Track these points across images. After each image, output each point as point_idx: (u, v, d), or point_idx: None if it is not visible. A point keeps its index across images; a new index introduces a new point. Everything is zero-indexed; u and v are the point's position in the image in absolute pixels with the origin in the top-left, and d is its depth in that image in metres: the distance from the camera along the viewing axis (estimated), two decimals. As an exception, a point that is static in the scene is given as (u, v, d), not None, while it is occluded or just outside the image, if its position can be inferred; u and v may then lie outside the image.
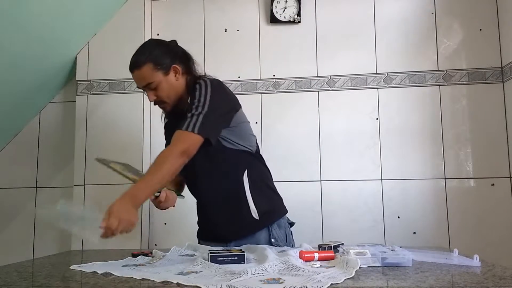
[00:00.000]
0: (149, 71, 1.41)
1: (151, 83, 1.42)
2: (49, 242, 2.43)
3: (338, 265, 1.03)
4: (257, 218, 1.45)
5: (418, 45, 2.32)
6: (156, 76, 1.42)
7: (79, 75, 2.40)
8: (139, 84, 1.46)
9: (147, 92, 1.46)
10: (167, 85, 1.44)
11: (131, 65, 1.43)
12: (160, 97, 1.45)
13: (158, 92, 1.44)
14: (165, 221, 2.38)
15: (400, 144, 2.27)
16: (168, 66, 1.44)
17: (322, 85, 2.35)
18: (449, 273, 0.98)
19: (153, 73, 1.41)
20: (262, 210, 1.46)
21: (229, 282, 0.86)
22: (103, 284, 0.93)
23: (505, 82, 2.22)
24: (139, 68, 1.41)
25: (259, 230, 1.46)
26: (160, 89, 1.44)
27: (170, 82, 1.45)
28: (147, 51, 1.44)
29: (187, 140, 1.32)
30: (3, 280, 1.01)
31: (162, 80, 1.43)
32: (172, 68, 1.45)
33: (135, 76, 1.43)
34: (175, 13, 2.48)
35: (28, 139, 2.50)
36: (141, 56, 1.43)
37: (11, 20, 1.82)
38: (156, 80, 1.42)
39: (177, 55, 1.49)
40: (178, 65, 1.46)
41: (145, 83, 1.43)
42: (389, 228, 2.24)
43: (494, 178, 2.20)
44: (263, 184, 1.53)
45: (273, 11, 2.38)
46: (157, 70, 1.42)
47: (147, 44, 1.49)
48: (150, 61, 1.41)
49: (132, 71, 1.43)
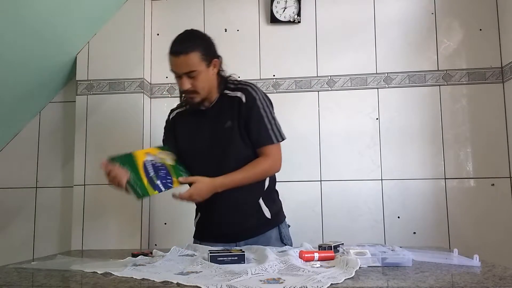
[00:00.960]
0: (196, 59, 1.41)
1: (194, 71, 1.42)
2: (49, 242, 2.43)
3: (338, 265, 1.03)
4: (269, 217, 1.52)
5: (418, 45, 2.32)
6: (200, 66, 1.43)
7: (79, 75, 2.40)
8: (179, 70, 1.43)
9: (182, 79, 1.44)
10: (206, 77, 1.46)
11: (178, 49, 1.42)
12: (196, 87, 1.45)
13: (196, 81, 1.44)
14: (165, 221, 2.38)
15: (400, 144, 2.27)
16: (210, 59, 1.46)
17: (322, 85, 2.35)
18: (449, 273, 0.98)
19: (199, 62, 1.42)
20: (273, 210, 1.54)
21: (229, 282, 0.86)
22: (103, 284, 0.93)
23: (505, 82, 2.22)
24: (187, 54, 1.40)
25: (271, 229, 1.53)
26: (199, 79, 1.44)
27: (209, 75, 1.47)
28: (197, 39, 1.46)
29: (278, 152, 1.52)
30: (3, 280, 1.01)
31: (203, 71, 1.44)
32: (213, 61, 1.48)
33: (180, 60, 1.41)
34: (175, 13, 2.48)
35: (28, 139, 2.50)
36: (191, 42, 1.43)
37: (11, 20, 1.82)
38: (199, 69, 1.43)
39: (216, 50, 1.51)
40: (217, 60, 1.50)
41: (188, 70, 1.42)
42: (389, 228, 2.24)
43: (494, 178, 2.20)
44: (273, 185, 1.61)
45: (273, 11, 2.38)
46: (202, 60, 1.43)
47: (195, 32, 1.49)
48: (199, 49, 1.42)
49: (177, 56, 1.41)
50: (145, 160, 1.44)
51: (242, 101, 1.48)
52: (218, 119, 1.50)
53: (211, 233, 1.56)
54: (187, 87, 1.44)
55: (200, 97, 1.48)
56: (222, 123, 1.49)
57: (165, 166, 1.46)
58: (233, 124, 1.48)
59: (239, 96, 1.49)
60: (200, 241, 1.57)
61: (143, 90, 2.36)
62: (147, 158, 1.44)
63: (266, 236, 1.51)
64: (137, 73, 2.37)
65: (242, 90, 1.50)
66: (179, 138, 1.59)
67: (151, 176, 1.39)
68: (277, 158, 1.51)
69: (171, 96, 2.45)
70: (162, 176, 1.42)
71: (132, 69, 2.37)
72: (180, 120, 1.60)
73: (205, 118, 1.53)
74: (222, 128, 1.49)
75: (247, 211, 1.51)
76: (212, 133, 1.51)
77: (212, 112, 1.53)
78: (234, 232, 1.50)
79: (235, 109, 1.48)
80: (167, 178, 1.42)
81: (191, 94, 1.47)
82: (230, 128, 1.48)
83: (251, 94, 1.49)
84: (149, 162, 1.44)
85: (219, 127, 1.50)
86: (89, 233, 2.29)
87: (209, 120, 1.52)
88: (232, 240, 1.50)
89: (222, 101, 1.52)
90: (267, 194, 1.56)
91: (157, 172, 1.41)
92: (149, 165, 1.43)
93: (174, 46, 1.43)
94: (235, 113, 1.48)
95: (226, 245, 1.45)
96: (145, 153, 1.47)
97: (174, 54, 1.42)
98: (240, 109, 1.48)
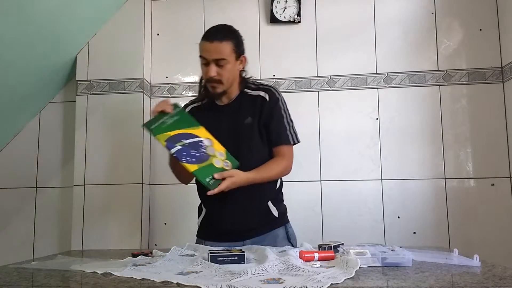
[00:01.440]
0: (228, 48, 1.46)
1: (224, 59, 1.46)
2: (49, 242, 2.43)
3: (338, 265, 1.03)
4: (277, 216, 1.55)
5: (418, 45, 2.32)
6: (230, 56, 1.47)
7: (79, 75, 2.40)
8: (210, 55, 1.46)
9: (210, 66, 1.47)
10: (232, 69, 1.50)
11: (213, 34, 1.46)
12: (221, 76, 1.47)
13: (223, 71, 1.47)
14: (165, 221, 2.38)
15: (400, 144, 2.27)
16: (240, 54, 1.52)
17: (322, 85, 2.35)
18: (449, 273, 0.98)
19: (230, 52, 1.47)
20: (281, 209, 1.58)
21: (229, 282, 0.86)
22: (103, 284, 0.93)
23: (505, 82, 2.22)
24: (221, 41, 1.45)
25: (278, 227, 1.55)
26: (226, 69, 1.47)
27: (235, 68, 1.52)
28: (232, 32, 1.52)
29: (292, 154, 1.56)
30: (3, 280, 1.01)
31: (231, 63, 1.48)
32: (242, 57, 1.53)
33: (213, 46, 1.45)
34: (175, 13, 2.48)
35: (28, 139, 2.50)
36: (227, 32, 1.49)
37: (11, 20, 1.82)
38: (228, 59, 1.47)
39: (244, 49, 1.56)
40: (245, 57, 1.55)
41: (219, 57, 1.45)
42: (389, 228, 2.24)
43: (494, 178, 2.20)
44: (282, 186, 1.64)
45: (273, 11, 2.38)
46: (233, 52, 1.48)
47: (230, 26, 1.55)
48: (232, 41, 1.48)
49: (211, 41, 1.45)
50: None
51: (266, 100, 1.53)
52: (238, 115, 1.53)
53: (216, 232, 1.55)
54: (213, 74, 1.47)
55: (222, 88, 1.50)
56: (242, 118, 1.52)
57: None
58: (253, 120, 1.51)
59: (262, 95, 1.54)
60: (204, 240, 1.56)
61: (143, 90, 2.36)
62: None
63: (273, 234, 1.53)
64: (137, 73, 2.37)
65: (266, 90, 1.55)
66: None
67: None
68: (291, 159, 1.56)
69: (171, 96, 2.45)
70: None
71: (132, 69, 2.37)
72: (197, 114, 1.58)
73: (223, 114, 1.55)
74: (242, 123, 1.52)
75: (256, 210, 1.52)
76: (231, 128, 1.52)
77: (231, 108, 1.55)
78: (240, 230, 1.50)
79: (257, 107, 1.52)
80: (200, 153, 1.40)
81: (214, 83, 1.49)
82: (250, 124, 1.51)
83: (274, 95, 1.55)
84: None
85: (239, 122, 1.52)
86: (89, 233, 2.29)
87: (227, 116, 1.54)
88: (238, 238, 1.50)
89: (242, 98, 1.56)
90: (276, 194, 1.60)
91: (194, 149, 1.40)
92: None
93: (209, 33, 1.48)
94: (256, 110, 1.52)
95: (232, 244, 1.45)
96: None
97: (208, 39, 1.46)
98: (263, 107, 1.52)
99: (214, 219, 1.56)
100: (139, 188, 2.30)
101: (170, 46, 2.46)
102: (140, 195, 2.29)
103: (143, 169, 2.31)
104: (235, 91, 1.56)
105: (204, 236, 1.59)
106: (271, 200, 1.55)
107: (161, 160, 2.41)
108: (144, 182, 2.33)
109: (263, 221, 1.53)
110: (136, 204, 2.29)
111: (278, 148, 1.53)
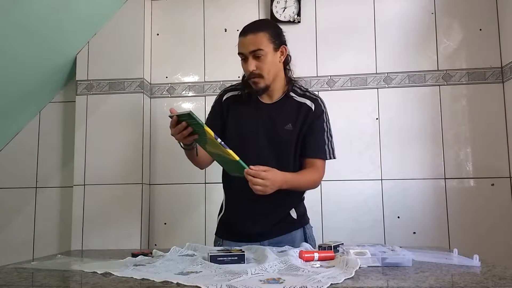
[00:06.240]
0: (264, 39, 1.42)
1: (260, 50, 1.42)
2: (49, 242, 2.43)
3: (338, 265, 1.03)
4: (295, 217, 1.53)
5: (418, 45, 2.32)
6: (267, 46, 1.43)
7: (79, 75, 2.40)
8: (246, 49, 1.43)
9: (249, 61, 1.44)
10: (272, 60, 1.45)
11: (247, 28, 1.44)
12: (261, 69, 1.44)
13: (261, 63, 1.43)
14: (165, 221, 2.38)
15: (400, 144, 2.27)
16: (279, 44, 1.47)
17: (322, 85, 2.35)
18: (449, 273, 0.98)
19: (267, 42, 1.43)
20: (300, 211, 1.57)
21: (229, 282, 0.86)
22: (103, 284, 0.93)
23: (505, 82, 2.22)
24: (255, 33, 1.42)
25: (296, 229, 1.54)
26: (265, 61, 1.43)
27: (275, 59, 1.47)
28: (268, 23, 1.51)
29: (324, 170, 1.53)
30: (3, 280, 1.01)
31: (270, 53, 1.44)
32: (282, 47, 1.48)
33: (247, 39, 1.43)
34: (175, 13, 2.48)
35: (28, 139, 2.50)
36: (260, 24, 1.48)
37: (11, 20, 1.82)
38: (265, 49, 1.42)
39: (285, 40, 1.52)
40: (285, 47, 1.50)
41: (255, 49, 1.42)
42: (389, 228, 2.24)
43: (494, 178, 2.20)
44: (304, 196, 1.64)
45: (273, 11, 2.37)
46: (270, 42, 1.44)
47: (264, 19, 1.56)
48: (268, 31, 1.44)
49: (246, 35, 1.43)
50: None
51: (311, 110, 1.50)
52: (279, 118, 1.49)
53: (235, 232, 1.53)
54: (252, 68, 1.43)
55: (265, 82, 1.46)
56: (283, 123, 1.49)
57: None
58: (294, 128, 1.48)
59: (309, 104, 1.50)
60: (223, 239, 1.56)
61: (143, 90, 2.36)
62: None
63: (292, 236, 1.52)
64: (137, 73, 2.37)
65: (312, 99, 1.52)
66: (230, 121, 1.55)
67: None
68: (323, 174, 1.53)
69: (171, 96, 2.45)
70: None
71: (132, 69, 2.37)
72: (234, 104, 1.56)
73: (263, 112, 1.51)
74: (281, 127, 1.48)
75: (278, 217, 1.51)
76: (269, 129, 1.49)
77: (273, 108, 1.51)
78: (258, 233, 1.49)
79: (301, 115, 1.48)
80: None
81: (255, 77, 1.45)
82: (290, 131, 1.48)
83: (320, 106, 1.52)
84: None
85: (278, 125, 1.49)
86: (89, 233, 2.29)
87: (267, 115, 1.50)
88: (255, 240, 1.48)
89: (286, 102, 1.52)
90: (299, 203, 1.59)
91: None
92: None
93: (244, 28, 1.46)
94: (300, 118, 1.48)
95: (250, 244, 1.42)
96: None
97: (242, 34, 1.44)
98: (307, 117, 1.49)
99: (234, 221, 1.55)
100: (139, 188, 2.30)
101: (170, 46, 2.46)
102: (140, 195, 2.29)
103: (143, 169, 2.31)
104: (278, 92, 1.52)
105: (223, 235, 1.58)
106: (294, 208, 1.54)
107: (161, 160, 2.41)
108: (144, 182, 2.33)
109: (282, 223, 1.52)
110: (136, 204, 2.29)
111: (313, 160, 1.50)
